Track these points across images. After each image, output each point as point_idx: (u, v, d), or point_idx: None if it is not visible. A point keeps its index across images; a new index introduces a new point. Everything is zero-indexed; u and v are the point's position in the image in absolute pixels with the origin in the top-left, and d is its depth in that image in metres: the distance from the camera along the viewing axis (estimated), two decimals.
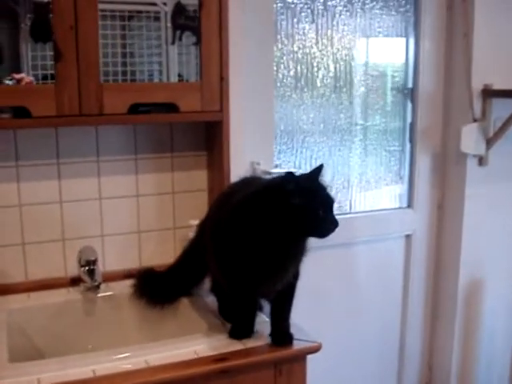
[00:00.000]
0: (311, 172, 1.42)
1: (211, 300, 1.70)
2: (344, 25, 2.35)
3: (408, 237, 2.63)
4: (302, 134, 2.34)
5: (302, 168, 2.35)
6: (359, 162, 2.51)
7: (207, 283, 1.72)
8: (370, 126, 2.52)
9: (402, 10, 2.47)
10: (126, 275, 1.85)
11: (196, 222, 1.91)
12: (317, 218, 1.33)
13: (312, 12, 2.27)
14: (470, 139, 2.47)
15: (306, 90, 2.32)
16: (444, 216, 2.66)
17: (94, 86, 1.65)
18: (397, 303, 2.68)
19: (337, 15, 2.33)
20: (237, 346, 1.46)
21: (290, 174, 1.33)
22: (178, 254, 1.96)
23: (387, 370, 2.74)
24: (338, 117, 2.41)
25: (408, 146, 2.60)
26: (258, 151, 2.21)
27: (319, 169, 1.42)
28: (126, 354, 1.41)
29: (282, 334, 1.49)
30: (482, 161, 2.55)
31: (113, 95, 1.67)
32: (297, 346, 1.48)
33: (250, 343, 1.48)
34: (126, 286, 1.76)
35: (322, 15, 2.29)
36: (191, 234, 1.89)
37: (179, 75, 1.88)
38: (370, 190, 2.55)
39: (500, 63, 2.49)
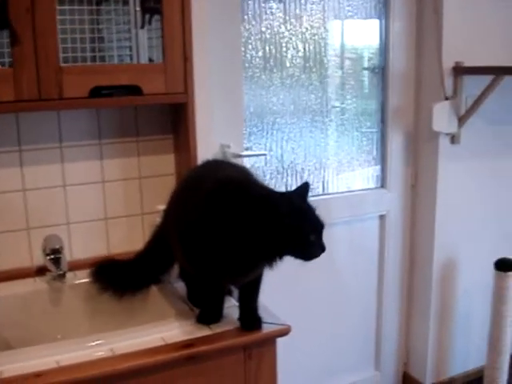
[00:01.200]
0: (300, 191, 1.37)
1: (180, 286, 1.67)
2: (312, 4, 2.31)
3: (382, 217, 2.62)
4: (273, 116, 2.31)
5: (273, 150, 2.33)
6: (332, 143, 2.48)
7: (176, 269, 1.69)
8: (342, 106, 2.50)
9: None
10: (94, 263, 1.80)
11: (163, 207, 1.88)
12: (307, 241, 1.31)
13: None
14: (442, 117, 2.46)
15: (275, 70, 2.29)
16: (417, 195, 2.66)
17: (52, 70, 1.59)
18: (373, 284, 2.68)
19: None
20: (205, 331, 1.43)
21: (283, 195, 1.32)
22: (145, 240, 1.94)
23: (365, 352, 2.75)
24: (309, 97, 2.38)
25: (380, 126, 2.59)
26: (227, 134, 2.18)
27: (306, 188, 1.37)
28: (91, 343, 1.37)
29: (250, 318, 1.47)
30: (454, 139, 2.54)
31: (73, 79, 1.62)
32: (266, 329, 1.46)
33: (218, 328, 1.45)
34: None
35: None
36: (159, 219, 1.85)
37: (150, 59, 1.83)
38: (344, 171, 2.54)
39: (471, 40, 2.48)
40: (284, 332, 1.47)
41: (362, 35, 2.50)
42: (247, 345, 1.44)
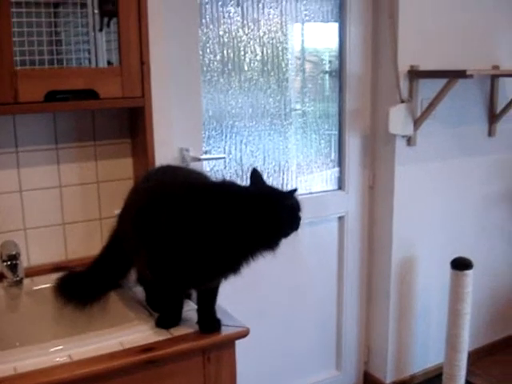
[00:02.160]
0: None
1: (139, 290, 1.66)
2: (270, 8, 2.33)
3: (341, 218, 2.65)
4: (231, 119, 2.32)
5: (232, 153, 2.34)
6: (291, 146, 2.50)
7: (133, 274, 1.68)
8: (301, 109, 2.52)
9: None
10: (52, 269, 1.79)
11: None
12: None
13: None
14: (398, 120, 2.51)
15: (233, 74, 2.30)
16: (375, 196, 2.70)
17: (7, 73, 1.57)
18: (333, 285, 2.71)
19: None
20: (164, 335, 1.43)
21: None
22: (102, 246, 1.92)
23: (326, 352, 2.77)
24: (267, 101, 2.40)
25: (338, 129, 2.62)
26: (186, 138, 2.18)
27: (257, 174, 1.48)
28: (50, 350, 1.36)
29: (209, 321, 1.47)
30: (410, 141, 2.59)
31: (29, 82, 1.60)
32: (224, 331, 1.46)
33: (177, 332, 1.45)
34: (52, 280, 1.70)
35: None
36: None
37: (109, 62, 1.82)
38: (303, 173, 2.56)
39: (426, 44, 2.53)
40: (243, 334, 1.48)
41: (321, 38, 2.53)
42: (206, 348, 1.44)
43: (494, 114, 2.80)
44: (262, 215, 1.33)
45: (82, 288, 1.62)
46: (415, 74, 2.50)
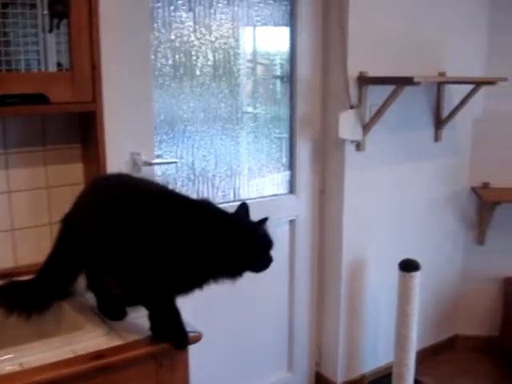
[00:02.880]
0: (242, 212, 1.50)
1: (90, 297, 1.64)
2: (221, 13, 2.35)
3: (292, 221, 2.69)
4: (183, 124, 2.33)
5: (184, 157, 2.34)
6: (243, 150, 2.53)
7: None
8: (252, 113, 2.54)
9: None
10: (1, 275, 1.75)
11: None
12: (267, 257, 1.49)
13: (189, 0, 2.25)
14: (348, 125, 2.55)
15: (185, 78, 2.30)
16: (326, 200, 2.74)
17: None
18: (284, 287, 2.74)
19: (214, 3, 2.32)
20: (115, 341, 1.43)
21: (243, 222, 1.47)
22: (47, 256, 1.89)
23: (277, 354, 2.80)
24: (219, 105, 2.41)
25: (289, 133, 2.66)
26: (138, 142, 2.17)
27: (246, 208, 1.50)
28: (0, 358, 1.34)
29: (162, 329, 1.47)
30: (359, 146, 2.64)
31: None
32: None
33: (129, 338, 1.45)
34: None
35: (199, 3, 2.28)
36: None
37: (59, 64, 1.79)
38: (255, 177, 2.58)
39: (375, 51, 2.59)
40: (195, 339, 1.49)
41: (272, 43, 2.56)
42: (158, 354, 1.44)
43: (440, 119, 2.88)
44: (232, 241, 1.40)
45: (26, 297, 1.58)
46: (364, 81, 2.55)
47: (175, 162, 2.30)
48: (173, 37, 2.24)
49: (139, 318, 1.53)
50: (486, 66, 3.01)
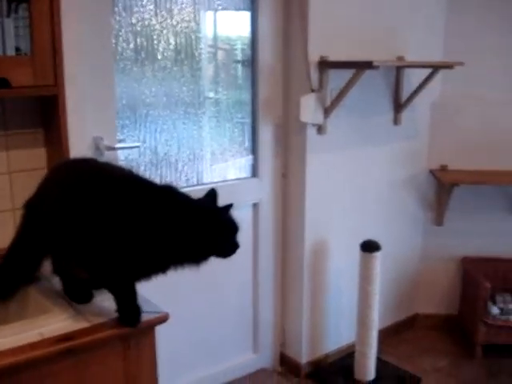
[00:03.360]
0: (210, 198, 1.52)
1: (56, 281, 1.64)
2: None
3: (255, 205, 2.71)
4: (145, 108, 2.32)
5: (147, 142, 2.34)
6: (205, 134, 2.54)
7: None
8: (215, 98, 2.55)
9: None
10: None
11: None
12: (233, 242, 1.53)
13: None
14: (309, 109, 2.59)
15: (146, 63, 2.30)
16: (288, 183, 2.78)
17: None
18: (248, 270, 2.77)
19: None
20: (82, 324, 1.44)
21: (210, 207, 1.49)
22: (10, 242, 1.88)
23: (243, 336, 2.84)
24: (181, 90, 2.41)
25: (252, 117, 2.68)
26: (100, 126, 2.16)
27: (214, 194, 1.53)
28: None
29: (128, 312, 1.48)
30: (320, 130, 2.67)
31: None
32: (144, 318, 1.48)
33: (96, 320, 1.46)
34: None
35: None
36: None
37: (17, 49, 1.76)
38: (217, 161, 2.59)
39: (335, 36, 2.62)
40: (162, 319, 1.51)
41: (234, 27, 2.57)
42: (125, 335, 1.46)
43: (400, 103, 2.94)
44: (195, 226, 1.41)
45: None
46: (325, 65, 2.58)
47: (137, 147, 2.31)
48: (134, 20, 2.23)
49: (105, 300, 1.54)
50: (443, 50, 3.07)
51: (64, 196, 1.47)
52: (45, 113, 1.87)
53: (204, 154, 2.54)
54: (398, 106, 2.95)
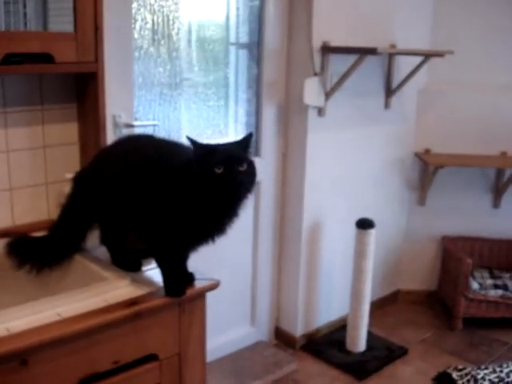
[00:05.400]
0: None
1: (101, 252, 1.70)
2: None
3: (257, 184, 2.79)
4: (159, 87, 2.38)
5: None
6: (211, 112, 2.61)
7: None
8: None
9: None
10: (0, 235, 1.77)
11: (71, 175, 1.88)
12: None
13: None
14: (312, 92, 2.69)
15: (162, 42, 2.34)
16: (288, 163, 2.88)
17: None
18: (248, 247, 2.87)
19: None
20: (142, 290, 1.51)
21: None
22: (51, 210, 1.93)
23: (241, 310, 2.94)
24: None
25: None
26: (118, 104, 2.20)
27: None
28: (37, 309, 1.38)
29: (184, 275, 1.57)
30: (320, 111, 2.79)
31: None
32: (198, 284, 1.57)
33: (152, 287, 1.53)
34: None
35: None
36: (67, 188, 1.85)
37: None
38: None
39: (336, 22, 2.73)
40: (214, 286, 1.60)
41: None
42: (182, 300, 1.54)
43: (390, 88, 3.08)
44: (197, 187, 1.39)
45: (38, 252, 1.62)
46: (328, 50, 2.69)
47: (156, 125, 2.36)
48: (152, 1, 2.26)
49: (153, 269, 1.62)
50: (430, 38, 3.23)
51: (122, 168, 1.54)
52: (79, 88, 1.91)
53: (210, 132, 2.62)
54: (389, 91, 3.09)
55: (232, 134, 2.74)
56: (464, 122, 3.30)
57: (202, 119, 2.62)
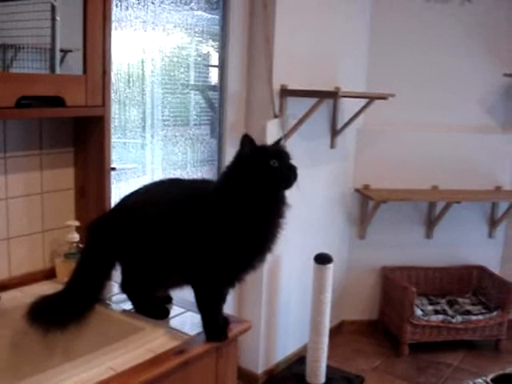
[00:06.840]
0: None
1: (119, 299, 1.66)
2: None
3: None
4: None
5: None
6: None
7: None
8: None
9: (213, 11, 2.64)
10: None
11: (75, 222, 1.82)
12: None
13: None
14: (273, 134, 2.77)
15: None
16: None
17: None
18: None
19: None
20: (182, 337, 1.49)
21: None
22: (47, 259, 1.85)
23: None
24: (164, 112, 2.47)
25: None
26: None
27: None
28: (89, 365, 1.32)
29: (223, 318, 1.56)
30: None
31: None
32: (234, 329, 1.57)
33: (192, 333, 1.51)
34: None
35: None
36: (71, 235, 1.79)
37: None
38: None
39: (294, 66, 2.85)
40: (247, 328, 1.60)
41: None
42: (220, 345, 1.53)
43: (335, 129, 3.23)
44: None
45: (59, 311, 1.55)
46: (287, 92, 2.79)
47: (135, 168, 2.34)
48: None
49: (181, 315, 1.60)
50: (366, 81, 3.44)
51: (153, 212, 1.52)
52: (77, 132, 1.86)
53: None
54: (334, 131, 3.24)
55: (198, 174, 2.75)
56: (398, 158, 3.52)
57: (170, 161, 2.62)
